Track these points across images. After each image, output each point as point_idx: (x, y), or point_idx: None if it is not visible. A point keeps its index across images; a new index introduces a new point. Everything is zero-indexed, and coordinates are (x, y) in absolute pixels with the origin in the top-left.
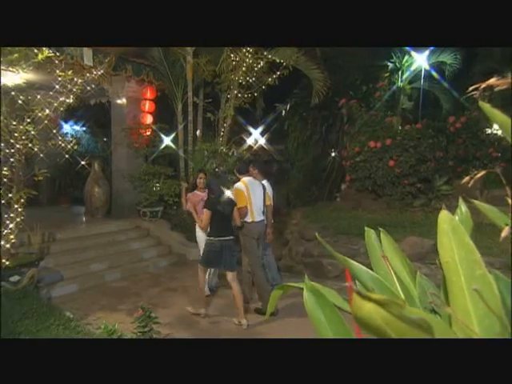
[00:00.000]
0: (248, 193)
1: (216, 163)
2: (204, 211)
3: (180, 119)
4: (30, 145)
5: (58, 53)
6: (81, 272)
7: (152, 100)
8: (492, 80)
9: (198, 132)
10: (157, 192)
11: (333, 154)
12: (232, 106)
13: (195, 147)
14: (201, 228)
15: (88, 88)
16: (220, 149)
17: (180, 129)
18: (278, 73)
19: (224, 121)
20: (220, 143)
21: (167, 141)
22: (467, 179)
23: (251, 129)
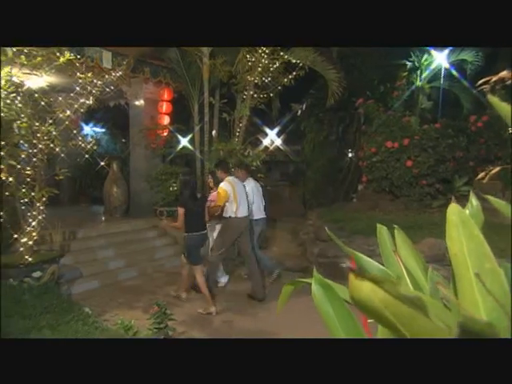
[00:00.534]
0: (234, 191)
1: (232, 163)
2: (178, 209)
3: (196, 120)
4: (52, 145)
5: (79, 56)
6: (99, 269)
7: (169, 101)
8: (503, 73)
9: (214, 132)
10: (173, 192)
11: (349, 155)
12: (248, 107)
13: (211, 147)
14: (177, 227)
15: (107, 90)
16: (236, 148)
17: (196, 129)
18: (294, 73)
19: (240, 121)
20: (235, 143)
21: (184, 141)
22: (482, 175)
23: (267, 129)
